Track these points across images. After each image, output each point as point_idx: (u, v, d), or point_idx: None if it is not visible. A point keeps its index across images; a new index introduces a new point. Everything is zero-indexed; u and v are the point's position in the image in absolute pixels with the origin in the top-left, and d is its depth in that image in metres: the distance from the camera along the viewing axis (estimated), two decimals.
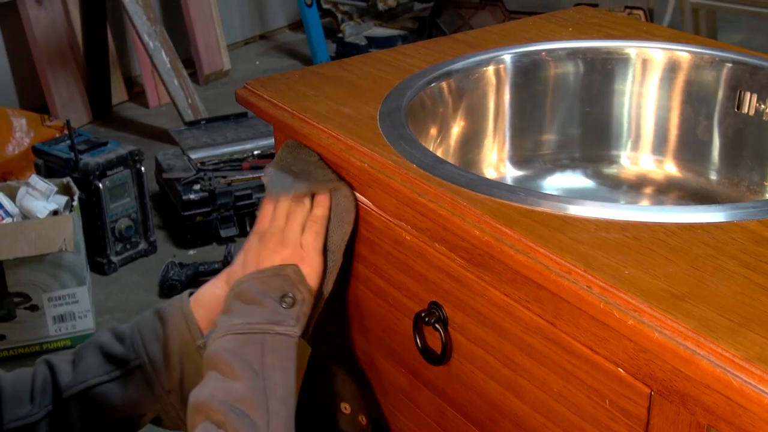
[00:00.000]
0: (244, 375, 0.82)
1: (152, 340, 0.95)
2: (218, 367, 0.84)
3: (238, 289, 0.90)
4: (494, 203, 0.79)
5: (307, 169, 0.98)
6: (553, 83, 1.14)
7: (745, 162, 1.08)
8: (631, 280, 0.68)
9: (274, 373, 0.84)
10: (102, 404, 0.94)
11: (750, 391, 0.58)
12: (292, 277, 0.90)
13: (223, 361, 0.84)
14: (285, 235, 0.94)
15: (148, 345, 0.94)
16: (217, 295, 0.96)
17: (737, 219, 0.75)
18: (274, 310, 0.88)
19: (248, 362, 0.84)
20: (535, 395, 0.81)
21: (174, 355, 0.94)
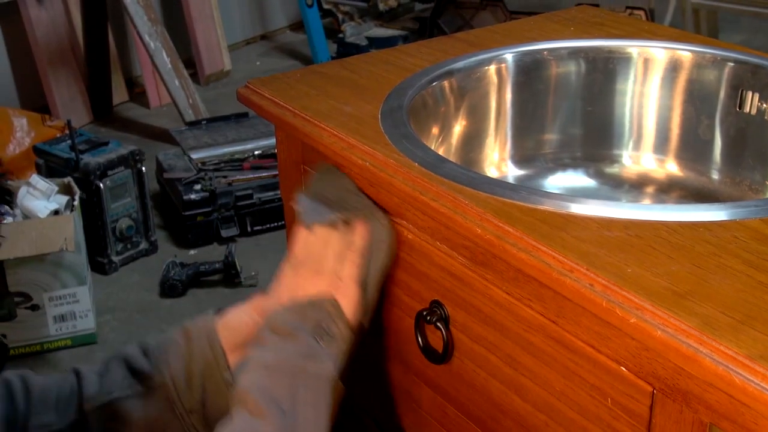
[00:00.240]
0: (272, 414, 0.79)
1: (176, 358, 0.92)
2: (247, 405, 0.80)
3: (272, 321, 0.87)
4: (496, 201, 0.79)
5: (342, 196, 0.94)
6: (555, 82, 1.14)
7: (746, 161, 1.08)
8: (634, 279, 0.68)
9: (305, 413, 0.81)
10: (123, 419, 0.92)
11: (753, 389, 0.58)
12: (329, 310, 0.86)
13: (253, 400, 0.80)
14: (322, 264, 0.90)
15: (171, 362, 0.92)
16: (245, 322, 0.92)
17: (739, 217, 0.75)
18: (308, 345, 0.84)
19: (278, 402, 0.80)
20: (537, 394, 0.81)
21: (196, 375, 0.91)
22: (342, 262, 0.90)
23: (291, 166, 1.07)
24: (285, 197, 1.11)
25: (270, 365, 0.83)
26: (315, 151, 0.99)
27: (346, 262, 0.90)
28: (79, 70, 3.42)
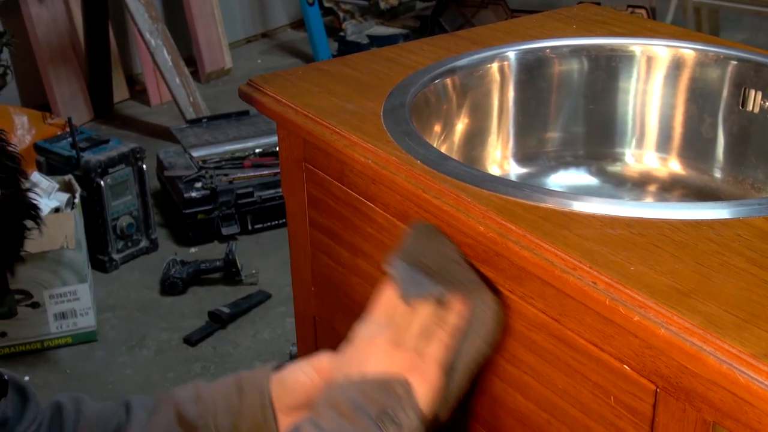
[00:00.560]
0: None
1: (225, 411, 0.88)
2: None
3: (333, 395, 0.79)
4: (499, 199, 0.79)
5: (445, 266, 0.82)
6: (558, 80, 1.14)
7: (749, 160, 1.07)
8: (637, 277, 0.68)
9: None
10: None
11: (757, 388, 0.58)
12: (399, 394, 0.76)
13: None
14: (404, 337, 0.80)
15: (220, 415, 0.88)
16: (302, 382, 0.86)
17: (743, 216, 0.75)
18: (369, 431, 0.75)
19: None
20: (539, 392, 0.81)
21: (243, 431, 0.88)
22: (429, 339, 0.80)
23: (293, 164, 1.06)
24: (287, 195, 1.10)
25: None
26: (317, 149, 0.99)
27: (434, 340, 0.80)
28: (80, 68, 3.41)
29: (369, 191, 0.94)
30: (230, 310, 2.33)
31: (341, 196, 0.99)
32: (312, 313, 1.13)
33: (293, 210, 1.10)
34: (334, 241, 1.03)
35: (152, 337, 2.29)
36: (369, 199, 0.95)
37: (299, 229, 1.09)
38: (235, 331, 2.30)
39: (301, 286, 1.14)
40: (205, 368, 2.17)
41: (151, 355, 2.23)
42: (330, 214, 1.02)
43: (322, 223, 1.05)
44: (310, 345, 1.16)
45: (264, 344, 2.25)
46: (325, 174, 1.01)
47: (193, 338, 2.26)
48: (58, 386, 2.11)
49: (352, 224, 0.99)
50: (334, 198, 1.01)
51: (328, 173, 1.00)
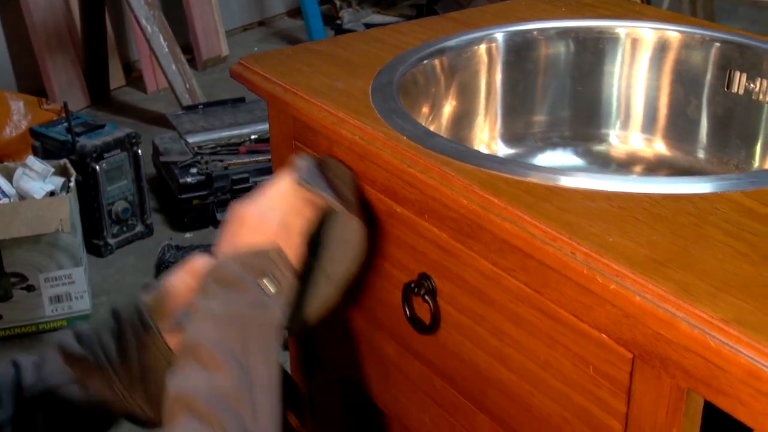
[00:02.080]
0: (227, 367, 0.78)
1: (108, 337, 0.91)
2: (200, 357, 0.78)
3: (217, 270, 0.85)
4: (483, 173, 0.81)
5: (339, 181, 0.93)
6: (545, 62, 1.15)
7: (733, 141, 1.09)
8: (615, 247, 0.69)
9: (257, 363, 0.80)
10: (64, 405, 0.91)
11: (727, 352, 0.60)
12: (274, 260, 0.85)
13: (205, 351, 0.78)
14: (270, 211, 0.88)
15: (104, 343, 0.91)
16: (179, 288, 0.91)
17: (721, 190, 0.77)
18: (254, 294, 0.83)
19: (231, 352, 0.79)
20: (521, 364, 0.82)
21: (131, 351, 0.90)
22: (295, 215, 0.89)
23: (283, 142, 1.08)
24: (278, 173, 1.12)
25: (218, 316, 0.81)
26: (306, 127, 1.01)
27: (299, 215, 0.89)
28: (77, 55, 3.42)
29: (357, 168, 0.96)
30: None
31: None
32: None
33: None
34: None
35: None
36: (357, 176, 0.96)
37: None
38: None
39: None
40: None
41: None
42: None
43: None
44: None
45: None
46: (315, 152, 1.02)
47: None
48: None
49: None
50: None
51: (318, 151, 1.01)
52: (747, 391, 0.61)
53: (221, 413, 0.75)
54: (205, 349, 0.78)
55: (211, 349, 0.78)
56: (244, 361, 0.79)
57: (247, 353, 0.79)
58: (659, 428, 0.70)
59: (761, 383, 0.58)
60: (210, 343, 0.79)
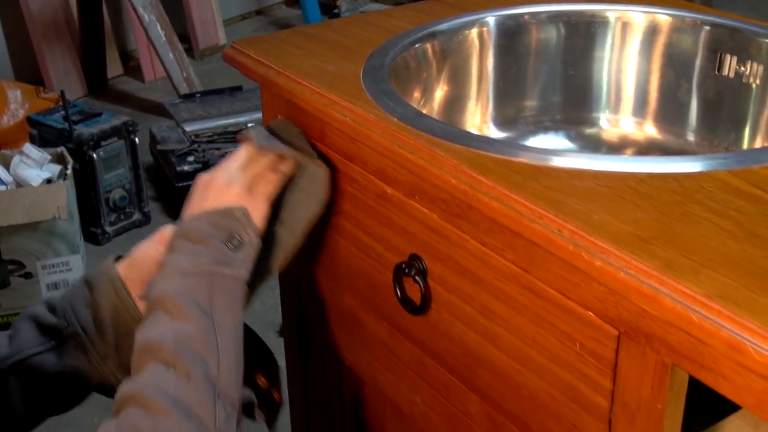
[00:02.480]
0: (193, 315, 0.81)
1: (82, 307, 0.91)
2: (166, 307, 0.82)
3: (184, 229, 0.89)
4: (472, 154, 0.81)
5: (292, 137, 0.99)
6: (536, 46, 1.16)
7: (724, 124, 1.09)
8: (600, 225, 0.70)
9: (222, 314, 0.83)
10: (39, 374, 0.91)
11: (709, 326, 0.60)
12: (239, 219, 0.89)
13: (171, 301, 0.82)
14: (235, 177, 0.93)
15: (78, 312, 0.91)
16: (149, 255, 0.92)
17: (707, 169, 0.77)
18: (221, 251, 0.86)
19: (197, 302, 0.82)
20: (510, 342, 0.83)
21: (105, 319, 0.91)
22: (259, 181, 0.93)
23: None
24: None
25: (185, 270, 0.84)
26: (299, 109, 1.01)
27: (263, 180, 0.93)
28: (74, 44, 3.42)
29: (348, 151, 0.96)
30: None
31: (322, 155, 1.01)
32: (296, 274, 1.15)
33: None
34: None
35: None
36: (348, 158, 0.97)
37: None
38: None
39: None
40: None
41: None
42: None
43: None
44: (294, 307, 1.19)
45: (254, 315, 2.27)
46: (307, 134, 1.02)
47: None
48: None
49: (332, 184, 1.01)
50: None
51: (310, 134, 1.02)
52: (729, 366, 0.62)
53: (186, 358, 0.78)
54: (171, 299, 0.82)
55: (177, 299, 0.82)
56: (210, 311, 0.82)
57: (212, 305, 0.83)
58: (644, 404, 0.71)
59: (743, 357, 0.59)
60: (176, 294, 0.82)
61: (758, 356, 0.58)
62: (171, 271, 0.85)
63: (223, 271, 0.86)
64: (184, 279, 0.84)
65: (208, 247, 0.86)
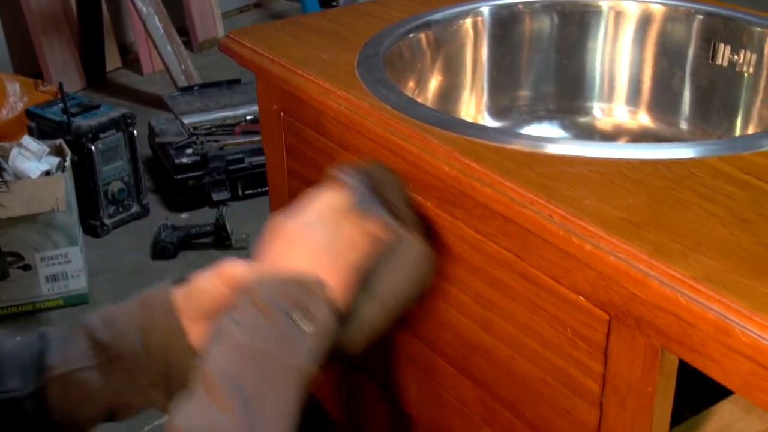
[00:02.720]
0: (234, 406, 0.73)
1: (134, 328, 0.88)
2: (208, 385, 0.75)
3: (251, 290, 0.79)
4: (464, 141, 0.82)
5: (393, 197, 0.85)
6: (530, 36, 1.16)
7: (717, 113, 1.10)
8: (591, 210, 0.71)
9: (270, 408, 0.74)
10: (84, 389, 0.89)
11: (697, 308, 0.61)
12: (315, 293, 0.78)
13: (214, 382, 0.74)
14: (322, 234, 0.81)
15: (129, 335, 0.88)
16: (209, 291, 0.86)
17: (698, 155, 0.78)
18: (285, 331, 0.76)
19: (242, 391, 0.74)
20: (503, 329, 0.84)
21: (155, 348, 0.87)
22: (350, 247, 0.81)
23: (271, 115, 1.09)
24: (266, 146, 1.13)
25: (241, 344, 0.76)
26: (294, 98, 1.02)
27: (354, 247, 0.81)
28: (72, 37, 3.42)
29: (343, 139, 0.97)
30: None
31: (317, 144, 1.02)
32: None
33: (272, 160, 1.12)
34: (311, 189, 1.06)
35: None
36: (343, 147, 0.97)
37: (278, 179, 1.12)
38: None
39: None
40: None
41: None
42: (307, 163, 1.05)
43: (299, 172, 1.07)
44: None
45: None
46: (302, 124, 1.03)
47: None
48: None
49: None
50: (310, 147, 1.03)
51: (305, 122, 1.02)
52: (717, 348, 0.62)
53: None
54: (214, 379, 0.75)
55: (222, 382, 0.74)
56: (252, 404, 0.74)
57: (259, 396, 0.75)
58: (635, 387, 0.71)
59: (730, 339, 0.60)
60: (222, 375, 0.75)
61: (745, 338, 0.58)
62: (227, 340, 0.77)
63: (281, 351, 0.76)
64: (236, 356, 0.76)
65: (272, 322, 0.76)
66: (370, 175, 0.86)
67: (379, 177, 0.86)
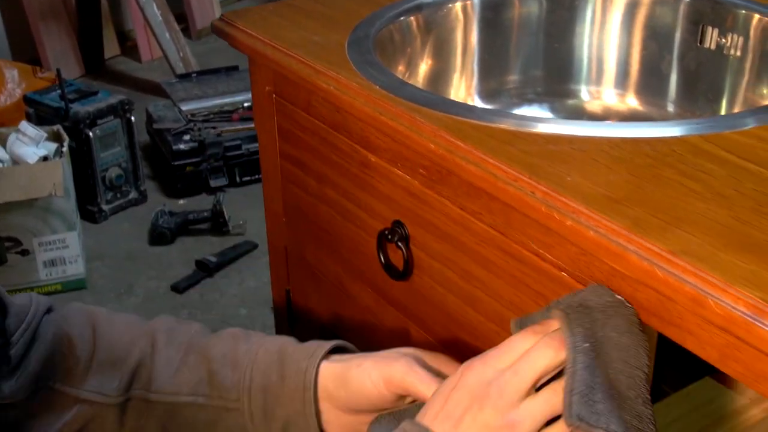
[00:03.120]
0: None
1: (261, 391, 0.81)
2: None
3: None
4: (450, 120, 0.83)
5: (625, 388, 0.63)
6: (520, 19, 1.17)
7: (705, 95, 1.11)
8: (572, 186, 0.72)
9: None
10: (185, 424, 0.83)
11: (673, 281, 0.62)
12: None
13: None
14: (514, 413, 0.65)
15: (254, 395, 0.81)
16: (366, 389, 0.77)
17: (680, 134, 0.79)
18: None
19: None
20: (488, 305, 0.85)
21: (278, 420, 0.80)
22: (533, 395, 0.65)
23: (263, 97, 1.10)
24: (258, 129, 1.14)
25: None
26: (285, 79, 1.03)
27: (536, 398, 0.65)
28: (71, 24, 3.43)
29: (333, 120, 0.98)
30: (217, 259, 2.38)
31: (308, 126, 1.03)
32: (283, 243, 1.17)
33: (265, 143, 1.14)
34: (303, 171, 1.07)
35: (140, 285, 2.34)
36: (334, 127, 0.99)
37: (270, 162, 1.13)
38: (221, 280, 2.35)
39: (273, 217, 1.18)
40: (191, 315, 2.22)
41: (139, 302, 2.28)
42: (298, 145, 1.06)
43: (291, 154, 1.08)
44: (282, 274, 1.21)
45: (249, 292, 2.30)
46: (294, 105, 1.04)
47: (181, 286, 2.31)
48: None
49: (319, 153, 1.03)
50: (302, 128, 1.04)
51: (296, 104, 1.03)
52: (694, 321, 0.64)
53: None
54: None
55: None
56: None
57: None
58: None
59: (705, 311, 0.61)
60: None
61: (718, 309, 0.59)
62: None
63: None
64: None
65: None
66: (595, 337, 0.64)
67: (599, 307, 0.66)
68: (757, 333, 0.58)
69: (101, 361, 0.84)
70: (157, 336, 0.86)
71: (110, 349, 0.84)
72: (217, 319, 2.20)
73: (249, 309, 2.23)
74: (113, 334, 0.85)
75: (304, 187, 1.08)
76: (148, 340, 0.85)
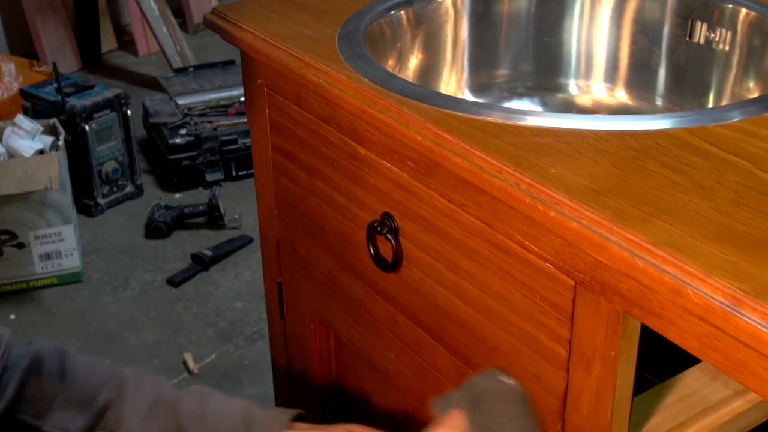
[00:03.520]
0: None
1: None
2: None
3: None
4: (438, 112, 0.84)
5: None
6: (510, 14, 1.18)
7: (694, 89, 1.12)
8: (557, 178, 0.72)
9: None
10: None
11: (654, 272, 0.63)
12: None
13: None
14: None
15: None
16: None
17: (664, 127, 0.80)
18: None
19: None
20: (476, 296, 0.86)
21: None
22: None
23: (255, 90, 1.11)
24: (250, 122, 1.15)
25: None
26: (276, 72, 1.04)
27: None
28: (68, 18, 3.43)
29: (324, 112, 0.99)
30: (213, 253, 2.39)
31: (299, 119, 1.03)
32: (275, 236, 1.18)
33: (256, 136, 1.14)
34: (294, 164, 1.08)
35: (136, 279, 2.34)
36: (324, 120, 0.99)
37: (262, 155, 1.14)
38: (217, 273, 2.36)
39: (265, 210, 1.19)
40: (187, 308, 2.23)
41: (135, 295, 2.28)
42: (289, 137, 1.07)
43: (282, 147, 1.09)
44: (274, 268, 1.22)
45: (245, 285, 2.31)
46: (285, 98, 1.05)
47: (176, 279, 2.32)
48: (44, 325, 2.17)
49: (309, 146, 1.04)
50: (293, 121, 1.05)
51: (287, 97, 1.04)
52: (675, 311, 0.64)
53: None
54: None
55: None
56: None
57: None
58: (599, 351, 0.74)
59: (684, 300, 0.62)
60: None
61: (697, 299, 0.60)
62: None
63: None
64: None
65: None
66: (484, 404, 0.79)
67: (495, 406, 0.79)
68: (735, 323, 0.59)
69: (68, 398, 0.85)
70: (125, 383, 0.87)
71: (78, 387, 0.86)
72: (212, 312, 2.20)
73: (244, 302, 2.24)
74: (81, 375, 0.87)
75: (295, 180, 1.09)
76: (115, 385, 0.87)
